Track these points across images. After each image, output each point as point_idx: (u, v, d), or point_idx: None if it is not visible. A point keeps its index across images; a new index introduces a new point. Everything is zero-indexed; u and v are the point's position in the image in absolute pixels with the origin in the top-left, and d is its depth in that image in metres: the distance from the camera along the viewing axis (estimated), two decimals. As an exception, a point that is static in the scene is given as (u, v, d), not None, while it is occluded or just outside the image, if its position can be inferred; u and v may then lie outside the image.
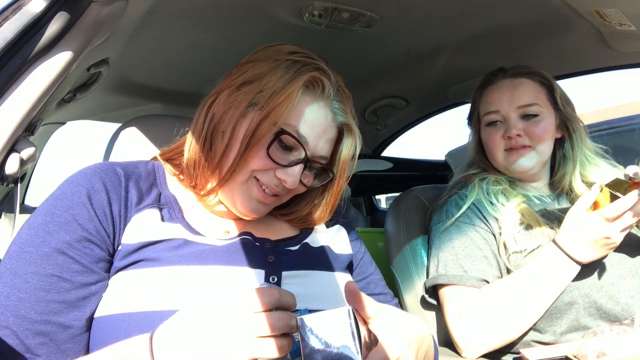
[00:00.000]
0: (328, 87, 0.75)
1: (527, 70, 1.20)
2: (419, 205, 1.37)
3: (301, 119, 0.73)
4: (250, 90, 0.72)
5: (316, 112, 0.74)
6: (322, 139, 0.75)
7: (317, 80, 0.74)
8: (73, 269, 0.63)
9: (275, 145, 0.72)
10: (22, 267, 0.61)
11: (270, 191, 0.75)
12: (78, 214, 0.65)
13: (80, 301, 0.63)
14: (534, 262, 1.00)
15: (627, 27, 1.12)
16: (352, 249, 0.89)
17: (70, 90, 1.22)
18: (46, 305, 0.60)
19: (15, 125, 0.76)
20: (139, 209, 0.71)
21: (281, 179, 0.73)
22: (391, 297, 0.93)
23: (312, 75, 0.73)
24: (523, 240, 1.07)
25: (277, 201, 0.78)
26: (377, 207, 2.81)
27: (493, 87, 1.21)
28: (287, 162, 0.73)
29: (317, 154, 0.76)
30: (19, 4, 0.75)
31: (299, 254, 0.78)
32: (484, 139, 1.23)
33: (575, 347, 0.87)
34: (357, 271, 0.89)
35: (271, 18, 1.24)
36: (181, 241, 0.69)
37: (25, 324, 0.59)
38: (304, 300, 0.71)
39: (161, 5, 1.06)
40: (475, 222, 1.12)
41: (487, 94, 1.22)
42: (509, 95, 1.17)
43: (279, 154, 0.73)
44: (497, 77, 1.22)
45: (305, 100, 0.73)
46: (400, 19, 1.29)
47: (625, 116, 2.68)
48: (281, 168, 0.73)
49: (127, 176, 0.73)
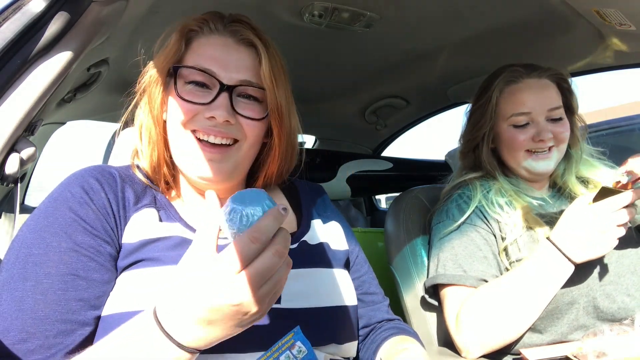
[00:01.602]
0: (214, 23, 0.76)
1: (553, 72, 1.18)
2: (419, 205, 1.37)
3: (198, 56, 0.74)
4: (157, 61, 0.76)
5: (212, 45, 0.75)
6: (230, 63, 0.74)
7: (200, 21, 0.76)
8: (89, 267, 0.63)
9: (183, 85, 0.73)
10: (32, 270, 0.60)
11: (215, 138, 0.72)
12: (82, 213, 0.65)
13: (96, 299, 0.63)
14: (530, 260, 1.00)
15: (627, 27, 1.12)
16: (348, 245, 0.89)
17: (70, 90, 1.22)
18: (65, 303, 0.60)
19: (15, 125, 0.76)
20: (138, 208, 0.71)
21: (211, 117, 0.71)
22: (382, 297, 0.93)
23: (193, 18, 0.76)
24: (526, 244, 1.07)
25: (230, 152, 0.74)
26: (377, 207, 2.81)
27: (520, 86, 1.17)
28: (209, 99, 0.72)
29: (235, 80, 0.73)
30: (19, 4, 0.76)
31: (298, 253, 0.78)
32: (507, 137, 1.18)
33: (575, 347, 0.87)
34: (353, 269, 0.89)
35: (271, 18, 1.24)
36: (180, 239, 0.69)
37: (44, 325, 0.58)
38: (304, 298, 0.71)
39: (161, 5, 1.06)
40: (476, 222, 1.12)
41: (515, 93, 1.17)
42: (541, 98, 1.14)
43: (197, 93, 0.73)
44: (522, 75, 1.17)
45: (199, 41, 0.76)
46: (400, 19, 1.29)
47: (625, 116, 2.68)
48: (207, 106, 0.72)
49: (122, 178, 0.73)
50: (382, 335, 0.85)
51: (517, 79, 1.17)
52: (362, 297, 0.88)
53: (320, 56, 0.83)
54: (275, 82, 0.75)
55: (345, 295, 0.78)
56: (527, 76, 1.17)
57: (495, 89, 1.20)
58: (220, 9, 0.80)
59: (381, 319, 0.90)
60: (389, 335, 0.84)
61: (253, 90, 0.75)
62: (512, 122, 1.17)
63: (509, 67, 1.20)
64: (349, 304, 0.77)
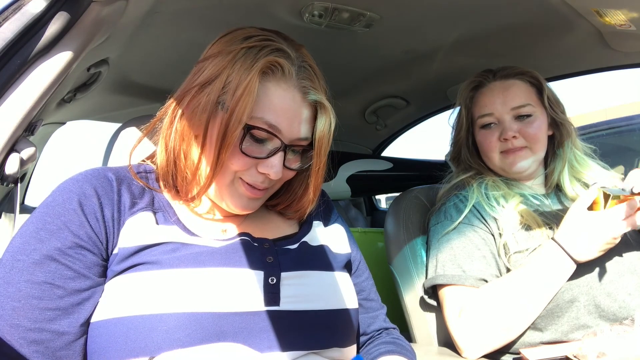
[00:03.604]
0: (288, 67, 0.70)
1: (517, 71, 1.21)
2: (419, 205, 1.37)
3: (267, 108, 0.69)
4: (212, 90, 0.69)
5: (281, 97, 0.70)
6: (295, 121, 0.71)
7: (274, 63, 0.69)
8: (65, 275, 0.62)
9: (247, 141, 0.69)
10: (15, 275, 0.60)
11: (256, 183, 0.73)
12: (69, 220, 0.64)
13: (73, 307, 0.62)
14: (532, 260, 1.00)
15: (627, 27, 1.12)
16: (350, 249, 0.89)
17: (70, 90, 1.22)
18: (39, 313, 0.60)
19: (15, 125, 0.76)
20: (133, 212, 0.70)
21: (264, 173, 0.71)
22: (380, 305, 0.93)
23: (267, 60, 0.68)
24: (523, 240, 1.07)
25: (269, 192, 0.77)
26: (377, 207, 2.81)
27: (484, 90, 1.22)
28: (265, 154, 0.71)
29: (294, 137, 0.72)
30: (19, 4, 0.75)
31: (298, 254, 0.77)
32: (479, 141, 1.23)
33: (575, 347, 0.87)
34: (355, 274, 0.89)
35: (271, 18, 1.24)
36: (178, 244, 0.69)
37: (19, 333, 0.58)
38: (304, 301, 0.71)
39: (161, 5, 1.06)
40: (474, 222, 1.13)
41: (479, 97, 1.23)
42: (502, 97, 1.18)
43: (255, 149, 0.70)
44: (488, 79, 1.23)
45: (267, 87, 0.69)
46: (400, 19, 1.29)
47: (625, 116, 2.68)
48: (261, 161, 0.71)
49: (118, 180, 0.72)
50: (378, 349, 0.83)
51: (484, 83, 1.23)
52: (362, 303, 0.87)
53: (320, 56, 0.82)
54: (329, 140, 0.75)
55: (347, 298, 0.77)
56: (492, 79, 1.22)
57: (466, 96, 1.26)
58: (220, 9, 0.80)
59: (379, 328, 0.89)
60: (385, 352, 0.82)
61: (305, 143, 0.75)
62: (480, 124, 1.22)
63: (481, 72, 1.25)
64: (350, 307, 0.77)
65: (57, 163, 3.55)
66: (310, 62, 0.74)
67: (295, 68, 0.71)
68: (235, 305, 0.64)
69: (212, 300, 0.63)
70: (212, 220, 0.78)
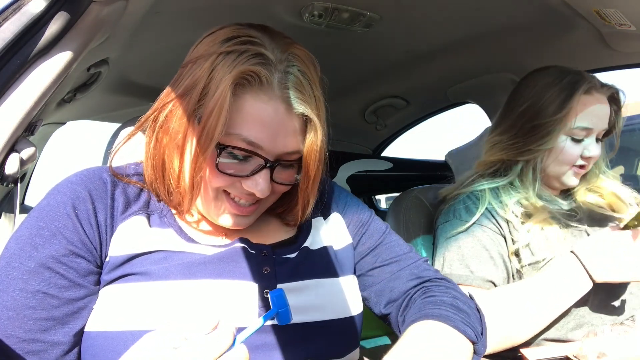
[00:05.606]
0: (266, 77, 0.61)
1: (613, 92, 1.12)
2: (419, 205, 1.36)
3: (244, 123, 0.61)
4: (189, 101, 0.63)
5: (261, 110, 0.61)
6: (280, 136, 0.63)
7: (249, 74, 0.60)
8: (59, 285, 0.61)
9: (225, 158, 0.63)
10: (10, 284, 0.59)
11: (245, 201, 0.68)
12: (63, 226, 0.62)
13: (68, 317, 0.61)
14: (548, 271, 0.98)
15: (627, 27, 1.12)
16: (350, 232, 0.82)
17: (70, 90, 1.22)
18: (34, 323, 0.58)
19: (15, 125, 0.76)
20: (125, 217, 0.67)
21: (249, 190, 0.65)
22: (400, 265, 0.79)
23: (240, 71, 0.60)
24: (540, 250, 1.05)
25: (259, 209, 0.72)
26: (377, 207, 2.81)
27: (591, 100, 1.08)
28: (247, 171, 0.64)
29: (280, 152, 0.65)
30: (19, 4, 0.75)
31: (298, 263, 0.72)
32: (561, 148, 1.09)
33: (575, 347, 0.87)
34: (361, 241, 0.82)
35: (271, 18, 1.24)
36: (169, 252, 0.66)
37: (13, 343, 0.57)
38: (301, 313, 0.67)
39: (161, 5, 1.06)
40: (485, 223, 1.10)
41: (583, 102, 1.07)
42: (603, 117, 1.09)
43: (235, 166, 0.64)
44: (594, 87, 1.08)
45: (244, 99, 0.61)
46: (400, 19, 1.29)
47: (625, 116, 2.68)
48: (245, 179, 0.65)
49: (113, 183, 0.70)
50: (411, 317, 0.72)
51: (591, 90, 1.08)
52: (373, 273, 0.80)
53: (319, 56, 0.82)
54: (318, 155, 0.67)
55: (351, 304, 0.74)
56: (596, 89, 1.09)
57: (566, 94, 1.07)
58: (220, 9, 0.79)
59: (405, 289, 0.78)
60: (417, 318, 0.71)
61: (296, 156, 0.68)
62: (574, 134, 1.08)
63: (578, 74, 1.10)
64: (354, 313, 0.73)
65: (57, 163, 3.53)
66: (301, 65, 0.65)
67: (278, 76, 0.62)
68: (227, 320, 0.61)
69: (202, 315, 0.60)
70: (210, 222, 0.75)
